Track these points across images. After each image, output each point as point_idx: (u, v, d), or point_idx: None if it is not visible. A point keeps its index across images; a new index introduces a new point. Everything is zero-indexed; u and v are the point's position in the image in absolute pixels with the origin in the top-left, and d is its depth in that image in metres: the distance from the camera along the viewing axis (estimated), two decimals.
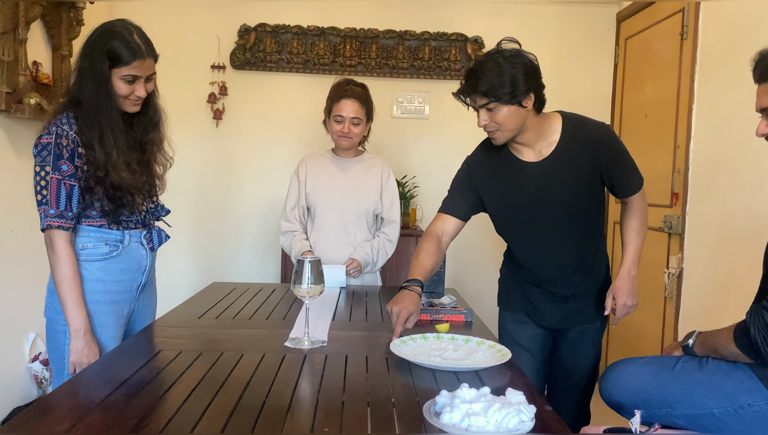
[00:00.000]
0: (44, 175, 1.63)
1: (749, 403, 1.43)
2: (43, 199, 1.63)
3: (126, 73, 1.67)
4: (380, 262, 2.49)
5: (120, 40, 1.66)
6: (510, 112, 1.76)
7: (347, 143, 2.43)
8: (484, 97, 1.75)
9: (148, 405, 1.19)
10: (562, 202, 1.88)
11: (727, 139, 2.51)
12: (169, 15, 3.66)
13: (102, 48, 1.65)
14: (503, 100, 1.74)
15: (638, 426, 1.40)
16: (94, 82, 1.66)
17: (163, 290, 3.69)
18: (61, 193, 1.63)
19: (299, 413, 1.19)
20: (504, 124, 1.78)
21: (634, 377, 1.61)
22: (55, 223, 1.63)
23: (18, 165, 2.72)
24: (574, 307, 2.00)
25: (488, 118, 1.78)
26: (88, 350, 1.66)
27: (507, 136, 1.82)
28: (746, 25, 2.43)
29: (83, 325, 1.66)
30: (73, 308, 1.65)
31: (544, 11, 3.78)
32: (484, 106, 1.76)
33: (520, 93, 1.73)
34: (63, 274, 1.64)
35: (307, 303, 1.63)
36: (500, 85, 1.72)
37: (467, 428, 1.06)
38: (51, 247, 1.65)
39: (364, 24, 3.75)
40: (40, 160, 1.64)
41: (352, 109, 2.38)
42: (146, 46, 1.70)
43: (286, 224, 2.50)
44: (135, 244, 1.80)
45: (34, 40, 2.85)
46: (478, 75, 1.74)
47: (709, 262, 2.61)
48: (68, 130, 1.66)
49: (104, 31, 1.68)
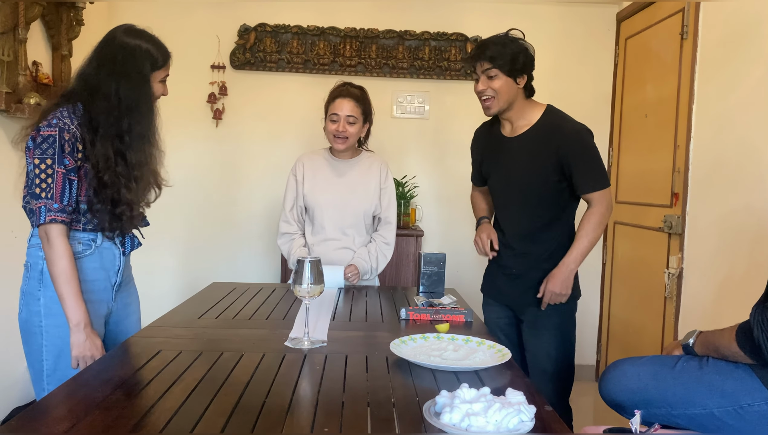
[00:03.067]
0: (45, 169, 1.61)
1: (749, 403, 1.43)
2: (43, 193, 1.61)
3: (164, 75, 1.77)
4: (380, 267, 2.48)
5: (154, 42, 1.74)
6: (506, 84, 2.05)
7: (342, 145, 2.40)
8: (488, 63, 2.04)
9: (148, 405, 1.19)
10: (519, 178, 2.13)
11: (727, 139, 2.51)
12: (169, 15, 3.66)
13: (142, 48, 1.70)
14: (503, 70, 2.03)
15: (638, 426, 1.40)
16: (135, 85, 1.69)
17: (163, 291, 3.70)
18: (65, 187, 1.62)
19: (299, 413, 1.19)
20: (499, 93, 2.06)
21: (635, 377, 1.61)
22: (59, 218, 1.62)
23: (18, 165, 2.71)
24: (522, 285, 2.16)
25: (487, 84, 2.06)
26: (90, 343, 1.64)
27: (499, 107, 2.09)
28: (746, 25, 2.43)
29: (83, 318, 1.64)
30: (72, 302, 1.63)
31: (544, 11, 3.78)
32: (485, 72, 2.05)
33: (517, 70, 2.04)
34: (61, 268, 1.62)
35: (306, 303, 1.63)
36: (502, 56, 2.02)
37: (467, 428, 1.06)
38: (49, 242, 1.62)
39: (364, 24, 3.75)
40: (40, 153, 1.61)
41: (348, 107, 2.36)
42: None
43: (285, 226, 2.49)
44: (107, 244, 1.79)
45: (34, 40, 2.85)
46: (487, 45, 2.06)
47: (709, 262, 2.61)
48: (69, 124, 1.65)
49: (134, 32, 1.73)
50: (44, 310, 1.69)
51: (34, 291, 1.70)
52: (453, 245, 3.77)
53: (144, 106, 1.72)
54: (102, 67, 1.69)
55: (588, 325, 3.89)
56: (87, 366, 1.62)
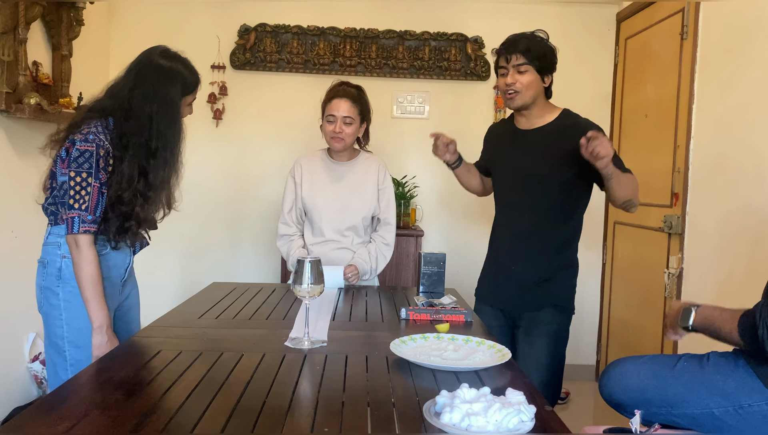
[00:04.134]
0: (80, 182, 1.70)
1: (749, 403, 1.43)
2: (77, 205, 1.70)
3: (193, 98, 1.88)
4: (379, 267, 2.47)
5: (188, 66, 1.84)
6: (534, 80, 2.07)
7: (339, 145, 2.38)
8: (522, 57, 2.05)
9: (148, 405, 1.19)
10: (532, 169, 2.12)
11: (727, 139, 2.51)
12: (169, 15, 3.66)
13: (177, 73, 1.80)
14: (534, 65, 2.05)
15: (638, 426, 1.40)
16: (168, 109, 1.78)
17: (163, 291, 3.70)
18: (99, 201, 1.73)
19: (299, 413, 1.19)
20: (525, 88, 2.07)
21: (635, 376, 1.61)
22: (92, 229, 1.72)
23: (18, 165, 2.72)
24: (522, 285, 2.13)
25: (516, 78, 2.07)
26: (110, 344, 1.73)
27: (523, 101, 2.10)
28: (746, 25, 2.43)
29: (105, 320, 1.73)
30: (96, 305, 1.72)
31: (544, 11, 3.78)
32: (518, 66, 2.06)
33: (546, 68, 2.08)
34: (89, 273, 1.72)
35: (306, 303, 1.63)
36: (536, 52, 2.05)
37: (467, 428, 1.06)
38: (78, 249, 1.71)
39: (364, 24, 3.75)
40: (76, 166, 1.70)
41: (345, 108, 2.35)
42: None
43: (284, 227, 2.49)
44: (121, 244, 1.87)
45: (34, 40, 2.85)
46: (522, 40, 2.07)
47: (709, 262, 2.61)
48: (104, 140, 1.74)
49: (170, 56, 1.82)
50: (64, 303, 1.78)
51: (53, 287, 1.79)
52: (453, 245, 3.77)
53: (173, 130, 1.81)
54: (137, 88, 1.77)
55: (588, 325, 3.89)
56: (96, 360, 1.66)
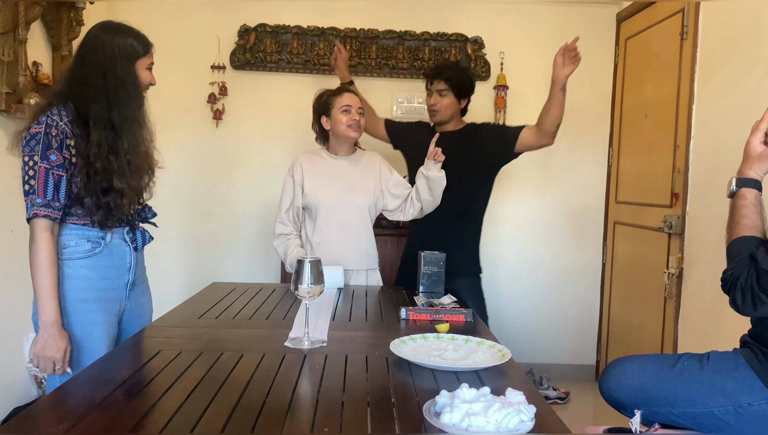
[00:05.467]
0: (32, 165, 1.63)
1: (749, 403, 1.44)
2: (30, 189, 1.63)
3: (149, 62, 1.80)
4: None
5: (133, 33, 1.77)
6: (452, 102, 2.64)
7: (357, 133, 2.46)
8: (444, 84, 2.61)
9: (148, 405, 1.19)
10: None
11: (727, 139, 2.51)
12: (169, 15, 3.66)
13: (122, 40, 1.74)
14: (453, 91, 2.62)
15: (638, 426, 1.40)
16: (120, 76, 1.72)
17: (163, 291, 3.70)
18: (49, 182, 1.63)
19: (299, 413, 1.19)
20: (444, 108, 2.63)
21: (635, 375, 1.61)
22: (42, 212, 1.62)
23: (18, 165, 2.71)
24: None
25: (437, 100, 2.63)
26: (53, 343, 1.62)
27: (441, 118, 2.66)
28: (746, 25, 2.43)
29: (54, 317, 1.62)
30: (45, 298, 1.62)
31: (544, 11, 3.78)
32: (440, 91, 2.62)
33: (463, 94, 2.66)
34: (39, 262, 1.62)
35: (306, 303, 1.63)
36: (455, 80, 2.61)
37: (467, 428, 1.06)
38: (31, 235, 1.64)
39: (364, 24, 3.75)
40: (28, 151, 1.64)
41: (356, 101, 2.47)
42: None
43: (280, 227, 2.49)
44: (117, 241, 1.81)
45: (34, 40, 2.85)
46: (445, 69, 2.69)
47: (709, 262, 2.61)
48: (58, 121, 1.66)
49: (112, 27, 1.76)
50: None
51: None
52: None
53: (130, 91, 1.75)
54: (86, 63, 1.73)
55: (588, 325, 3.89)
56: (49, 369, 1.63)
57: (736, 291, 1.40)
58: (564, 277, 3.88)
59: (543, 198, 3.87)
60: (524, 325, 3.85)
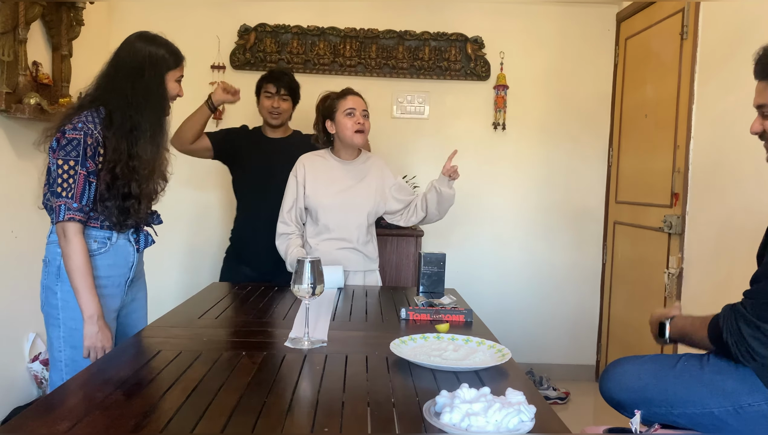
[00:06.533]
0: (68, 169, 1.71)
1: (749, 403, 1.43)
2: (65, 193, 1.71)
3: (179, 75, 1.88)
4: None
5: (166, 45, 1.85)
6: (290, 107, 2.92)
7: (361, 139, 2.44)
8: (285, 89, 2.87)
9: (148, 405, 1.19)
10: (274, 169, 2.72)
11: (727, 139, 2.51)
12: (169, 15, 3.65)
13: (155, 51, 1.82)
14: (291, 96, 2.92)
15: (638, 426, 1.40)
16: (148, 84, 1.80)
17: (163, 291, 3.68)
18: (85, 188, 1.73)
19: (299, 413, 1.19)
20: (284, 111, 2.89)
21: (635, 375, 1.61)
22: (77, 217, 1.72)
23: (18, 165, 2.72)
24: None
25: (280, 103, 2.85)
26: (101, 335, 1.74)
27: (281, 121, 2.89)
28: (746, 25, 2.43)
29: (96, 310, 1.73)
30: (86, 295, 1.73)
31: (544, 11, 3.78)
32: (282, 96, 2.86)
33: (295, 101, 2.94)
34: (77, 263, 1.72)
35: (306, 303, 1.63)
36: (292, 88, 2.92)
37: (467, 428, 1.06)
38: (66, 238, 1.72)
39: (364, 24, 3.75)
40: (63, 154, 1.71)
41: (361, 103, 2.45)
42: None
43: (282, 226, 2.49)
44: (123, 241, 1.88)
45: (34, 40, 2.85)
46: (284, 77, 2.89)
47: (709, 262, 2.61)
48: (93, 129, 1.74)
49: (148, 38, 1.84)
50: (61, 303, 1.78)
51: (53, 285, 1.79)
52: (453, 245, 3.77)
53: (157, 100, 1.83)
54: (118, 69, 1.81)
55: (588, 325, 3.89)
56: (96, 360, 1.69)
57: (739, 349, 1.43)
58: (564, 276, 3.88)
59: (543, 198, 3.87)
60: (524, 325, 3.85)
